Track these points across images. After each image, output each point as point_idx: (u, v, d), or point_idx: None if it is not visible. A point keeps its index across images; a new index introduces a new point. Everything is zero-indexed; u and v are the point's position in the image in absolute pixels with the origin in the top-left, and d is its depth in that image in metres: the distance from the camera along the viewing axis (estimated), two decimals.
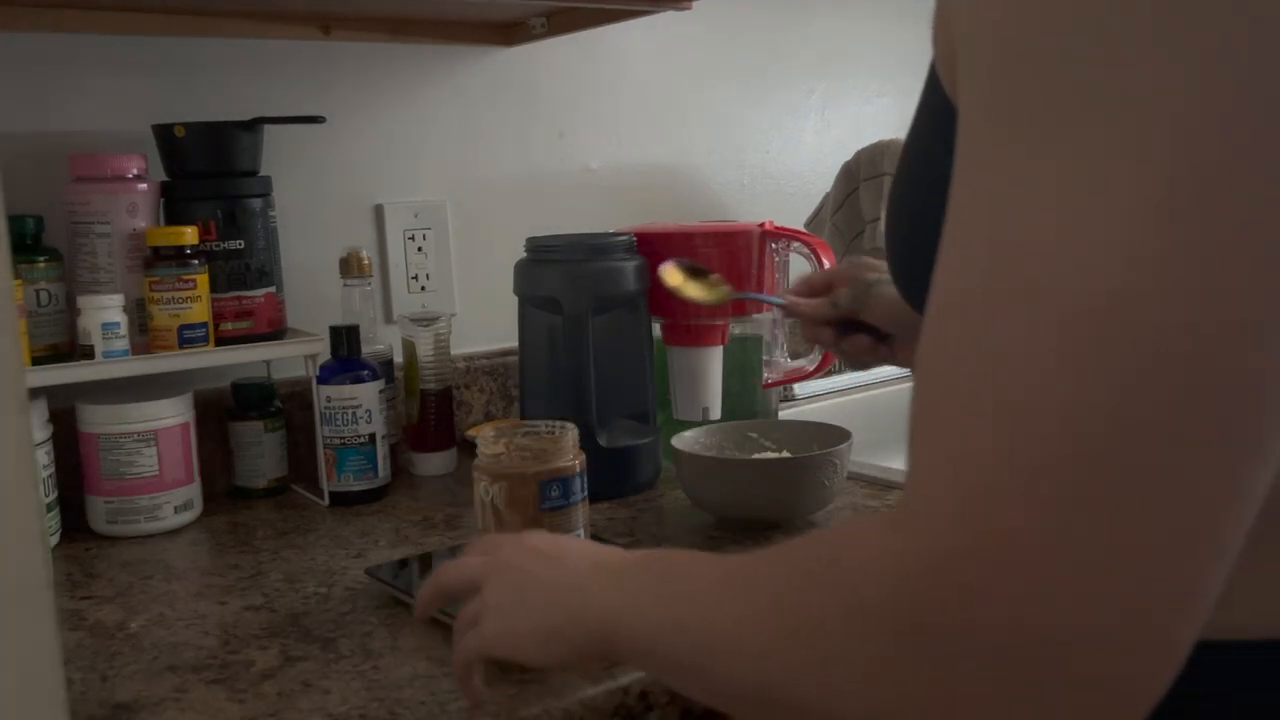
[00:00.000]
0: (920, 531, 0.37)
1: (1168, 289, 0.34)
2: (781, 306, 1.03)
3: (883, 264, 0.96)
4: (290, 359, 1.22)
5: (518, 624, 0.62)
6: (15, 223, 1.07)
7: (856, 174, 1.59)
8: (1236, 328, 0.34)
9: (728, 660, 0.45)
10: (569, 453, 0.86)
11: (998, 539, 0.35)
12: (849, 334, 0.97)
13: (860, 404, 1.61)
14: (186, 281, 1.10)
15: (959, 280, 0.38)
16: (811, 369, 1.19)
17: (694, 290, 1.07)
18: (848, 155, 1.62)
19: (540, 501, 0.84)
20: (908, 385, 1.07)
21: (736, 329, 1.26)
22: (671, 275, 1.07)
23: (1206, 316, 0.34)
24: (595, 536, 0.99)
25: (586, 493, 0.88)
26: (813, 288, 1.01)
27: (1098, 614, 0.34)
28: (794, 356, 1.23)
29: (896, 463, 1.17)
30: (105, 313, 1.07)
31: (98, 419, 1.09)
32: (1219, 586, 0.36)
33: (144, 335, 1.11)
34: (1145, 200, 0.34)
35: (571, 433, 0.88)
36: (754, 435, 1.16)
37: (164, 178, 1.16)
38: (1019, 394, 0.35)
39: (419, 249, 1.41)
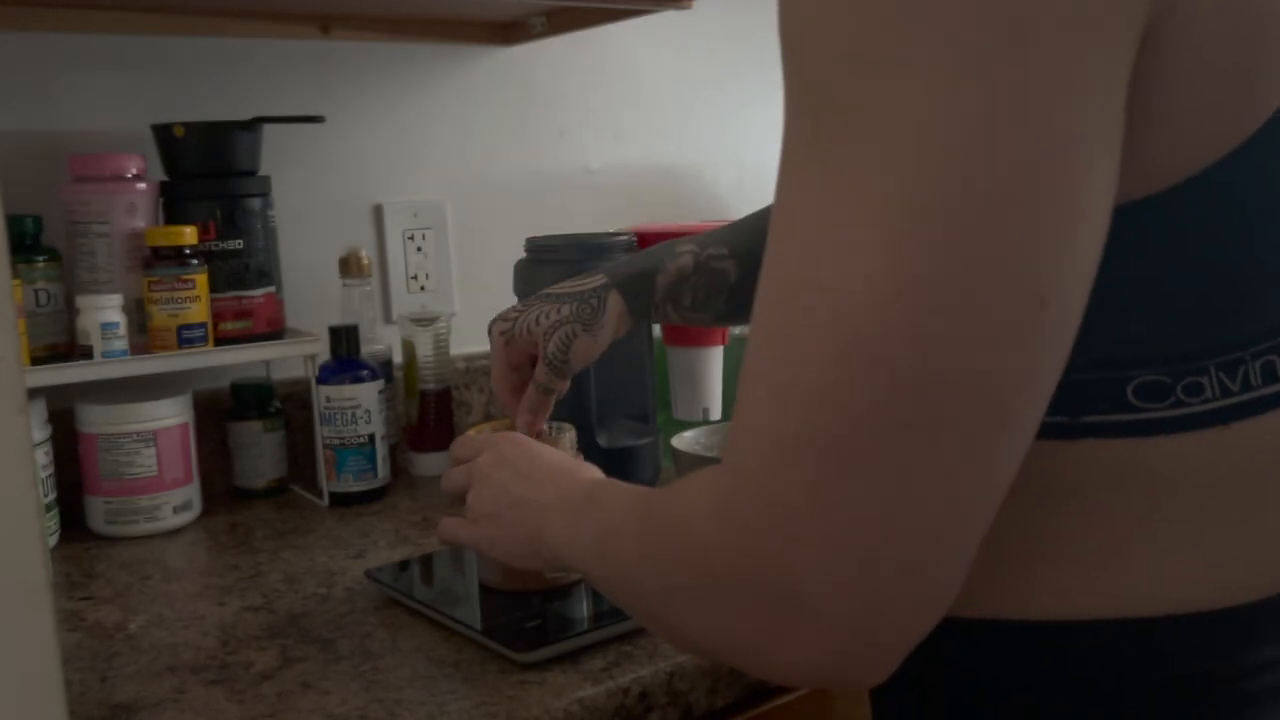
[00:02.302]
0: (721, 488, 0.44)
1: (882, 307, 0.39)
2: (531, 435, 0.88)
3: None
4: (289, 359, 1.22)
5: (493, 533, 0.73)
6: (14, 222, 1.07)
7: None
8: (963, 332, 0.39)
9: (617, 588, 0.56)
10: (568, 453, 0.86)
11: (774, 503, 0.42)
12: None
13: None
14: (185, 281, 1.10)
15: (763, 279, 0.44)
16: None
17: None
18: None
19: None
20: None
21: (737, 329, 1.26)
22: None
23: (933, 321, 0.39)
24: None
25: None
26: (513, 367, 0.89)
27: (843, 568, 0.41)
28: None
29: None
30: (104, 313, 1.06)
31: (97, 419, 1.09)
32: (962, 555, 0.42)
33: (143, 335, 1.11)
34: (882, 220, 0.39)
35: (570, 434, 0.88)
36: None
37: (163, 177, 1.16)
38: (791, 385, 0.41)
39: (418, 249, 1.41)
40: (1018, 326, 0.39)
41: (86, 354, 1.06)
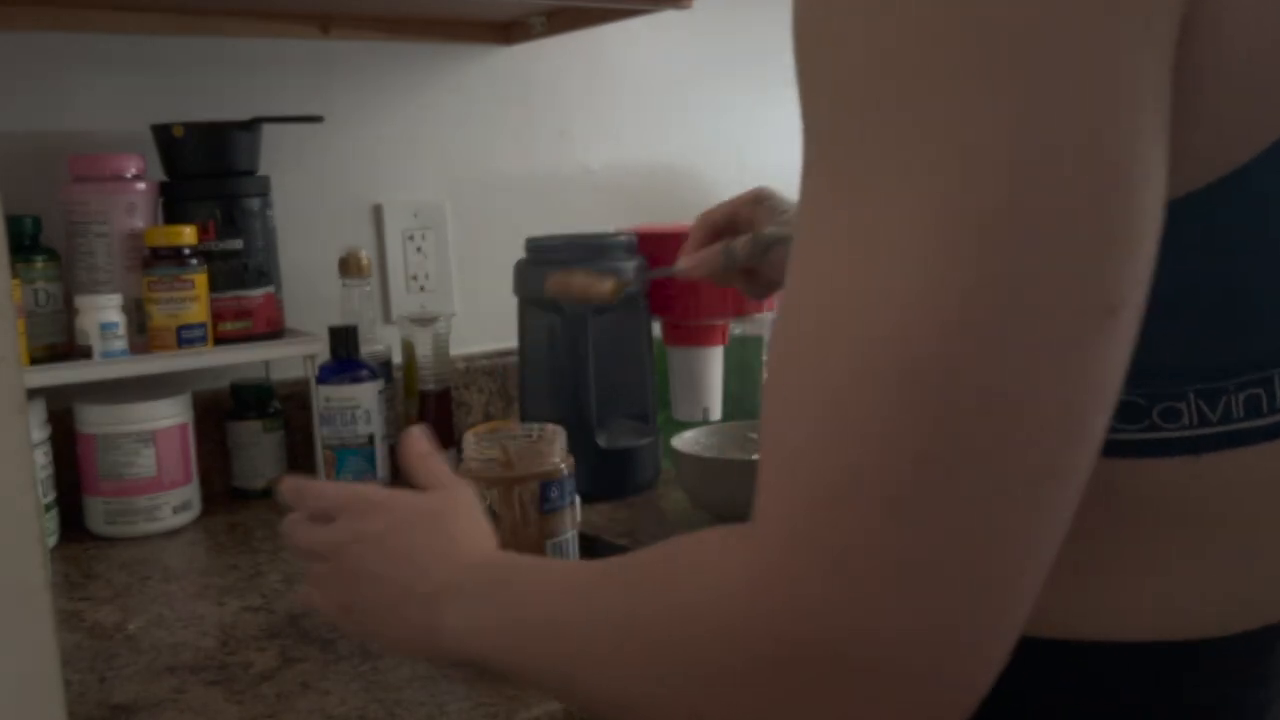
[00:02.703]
0: (765, 549, 0.39)
1: (942, 327, 0.36)
2: (679, 273, 0.99)
3: (784, 199, 0.95)
4: (289, 359, 1.22)
5: (371, 627, 0.64)
6: (14, 222, 1.07)
7: None
8: (1027, 351, 0.36)
9: (584, 680, 0.47)
10: (559, 455, 0.87)
11: (830, 552, 0.37)
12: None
13: None
14: (185, 281, 1.10)
15: (792, 310, 0.40)
16: None
17: (587, 287, 1.03)
18: None
19: (542, 504, 0.84)
20: None
21: (737, 329, 1.26)
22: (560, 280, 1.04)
23: (983, 346, 0.36)
24: (594, 537, 0.99)
25: (576, 494, 0.88)
26: (713, 225, 0.98)
27: (924, 617, 0.37)
28: None
29: None
30: (103, 313, 1.06)
31: (96, 419, 1.09)
32: (1037, 586, 0.38)
33: (142, 335, 1.11)
34: (930, 238, 0.36)
35: (561, 435, 0.88)
36: (754, 436, 1.15)
37: (162, 177, 1.16)
38: (839, 425, 0.37)
39: (418, 249, 1.41)
40: (1086, 339, 0.36)
41: (86, 354, 1.06)
